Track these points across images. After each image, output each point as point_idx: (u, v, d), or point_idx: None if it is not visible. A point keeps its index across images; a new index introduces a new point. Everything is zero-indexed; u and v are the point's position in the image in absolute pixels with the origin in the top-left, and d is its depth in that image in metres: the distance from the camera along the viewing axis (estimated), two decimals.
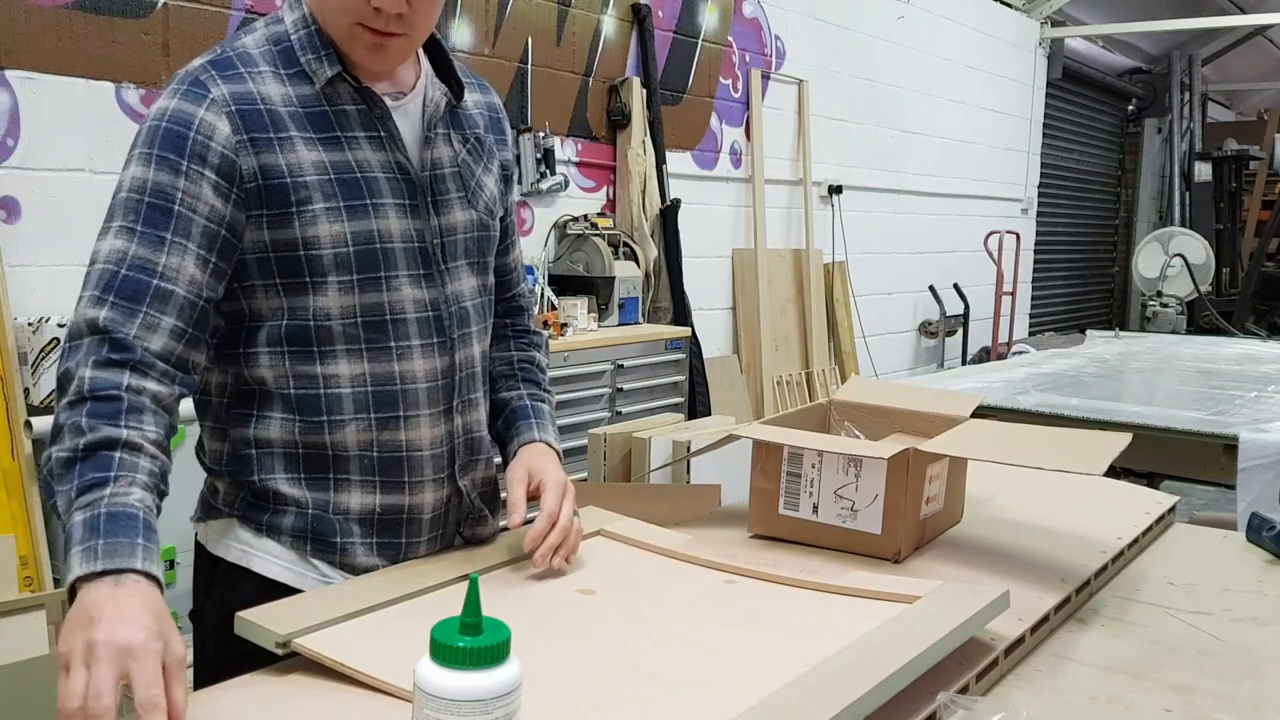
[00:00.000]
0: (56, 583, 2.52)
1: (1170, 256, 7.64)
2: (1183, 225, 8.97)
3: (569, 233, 4.26)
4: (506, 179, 1.42)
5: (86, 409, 1.04)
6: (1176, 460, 2.78)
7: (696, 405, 4.48)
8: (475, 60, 3.91)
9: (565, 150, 4.29)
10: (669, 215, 4.60)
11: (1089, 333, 5.13)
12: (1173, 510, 1.76)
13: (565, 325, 3.93)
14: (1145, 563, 1.55)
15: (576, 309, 4.01)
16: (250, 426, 1.24)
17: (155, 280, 1.10)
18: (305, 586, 1.24)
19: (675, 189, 4.67)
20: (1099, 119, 9.77)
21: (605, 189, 4.53)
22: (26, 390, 2.61)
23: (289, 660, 1.04)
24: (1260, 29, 9.59)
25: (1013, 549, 1.48)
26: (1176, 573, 1.50)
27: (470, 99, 1.35)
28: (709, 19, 4.98)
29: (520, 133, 4.04)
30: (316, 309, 1.20)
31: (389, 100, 1.24)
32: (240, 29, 1.26)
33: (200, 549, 1.31)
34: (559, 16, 4.25)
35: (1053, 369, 3.84)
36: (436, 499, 1.31)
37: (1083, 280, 9.86)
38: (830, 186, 5.86)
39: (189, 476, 1.29)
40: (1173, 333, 6.82)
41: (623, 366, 4.01)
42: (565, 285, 4.20)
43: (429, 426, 1.28)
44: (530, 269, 3.86)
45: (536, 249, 4.17)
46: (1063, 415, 2.83)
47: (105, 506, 0.98)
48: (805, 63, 5.61)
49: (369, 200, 1.21)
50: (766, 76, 5.35)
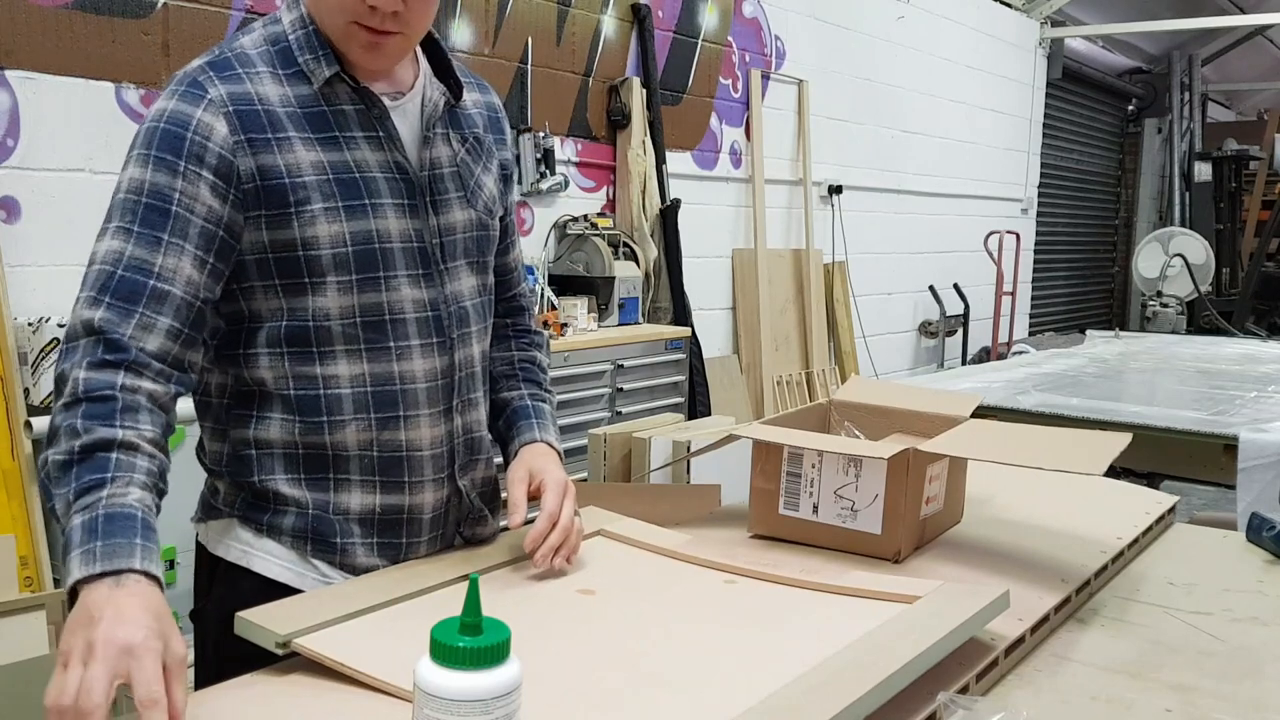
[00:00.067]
0: (56, 583, 2.52)
1: (1170, 256, 7.64)
2: (1183, 225, 8.97)
3: (569, 233, 4.26)
4: (506, 178, 1.42)
5: (82, 410, 1.04)
6: (1176, 460, 2.78)
7: (696, 405, 4.48)
8: (475, 60, 3.91)
9: (565, 150, 4.29)
10: (669, 215, 4.60)
11: (1089, 333, 5.12)
12: (1173, 510, 1.76)
13: (565, 325, 3.93)
14: (1145, 563, 1.55)
15: (576, 309, 4.01)
16: (250, 427, 1.24)
17: (151, 281, 1.10)
18: (305, 586, 1.24)
19: (675, 189, 4.67)
20: (1099, 119, 9.77)
21: (605, 189, 4.53)
22: (26, 390, 2.61)
23: (289, 660, 1.04)
24: (1260, 29, 9.59)
25: (1013, 549, 1.48)
26: (1176, 573, 1.50)
27: (469, 98, 1.35)
28: (709, 19, 4.98)
29: (520, 133, 4.04)
30: (316, 309, 1.20)
31: (387, 100, 1.24)
32: (239, 29, 1.26)
33: (200, 549, 1.31)
34: (559, 16, 4.25)
35: (1053, 369, 3.84)
36: (436, 499, 1.31)
37: (1083, 280, 9.86)
38: (830, 186, 5.86)
39: (189, 477, 1.29)
40: (1173, 333, 6.82)
41: (623, 366, 4.01)
42: (565, 285, 4.20)
43: (429, 426, 1.28)
44: (530, 269, 3.86)
45: (536, 249, 4.17)
46: (1063, 415, 2.83)
47: (103, 508, 0.98)
48: (805, 63, 5.61)
49: (367, 200, 1.21)
50: (766, 76, 5.35)
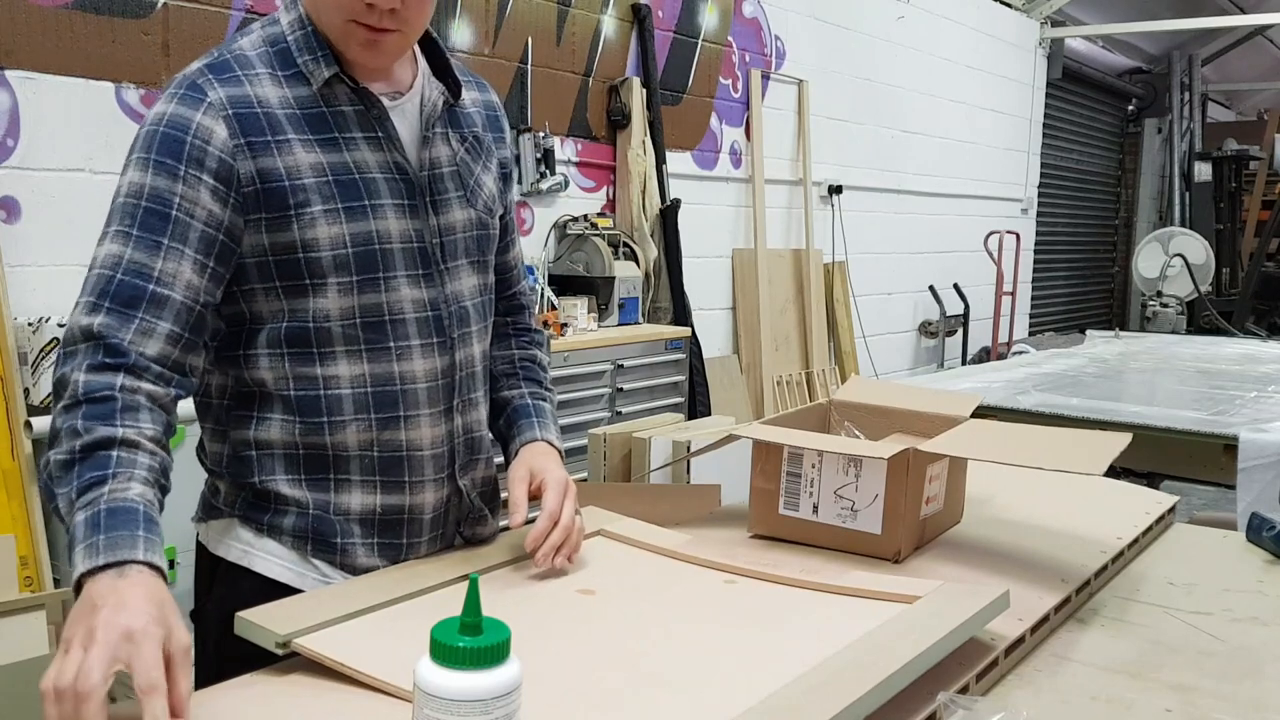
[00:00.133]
0: (57, 583, 2.52)
1: (1170, 256, 7.64)
2: (1183, 225, 8.96)
3: (569, 233, 4.26)
4: (505, 177, 1.42)
5: (82, 411, 1.04)
6: (1176, 460, 2.78)
7: (696, 405, 4.48)
8: (475, 60, 3.91)
9: (565, 150, 4.29)
10: (669, 215, 4.60)
11: (1089, 333, 5.12)
12: (1173, 510, 1.76)
13: (565, 325, 3.93)
14: (1145, 563, 1.55)
15: (576, 309, 4.01)
16: (251, 428, 1.24)
17: (151, 285, 1.10)
18: (306, 586, 1.24)
19: (675, 189, 4.67)
20: (1099, 119, 9.77)
21: (605, 189, 4.53)
22: (26, 390, 2.61)
23: (289, 660, 1.04)
24: (1260, 29, 9.59)
25: (1013, 549, 1.48)
26: (1176, 573, 1.50)
27: (468, 97, 1.35)
28: (709, 19, 4.98)
29: (520, 133, 4.04)
30: (316, 311, 1.20)
31: (386, 100, 1.24)
32: (239, 30, 1.26)
33: (201, 549, 1.31)
34: (559, 16, 4.25)
35: (1053, 369, 3.84)
36: (437, 499, 1.31)
37: (1083, 280, 9.85)
38: (830, 186, 5.86)
39: (190, 477, 1.29)
40: (1173, 333, 6.82)
41: (623, 366, 4.00)
42: (565, 285, 4.20)
43: (429, 426, 1.28)
44: (530, 269, 3.86)
45: (536, 249, 4.17)
46: (1063, 415, 2.83)
47: (105, 503, 0.99)
48: (805, 63, 5.61)
49: (367, 201, 1.21)
50: (766, 76, 5.35)
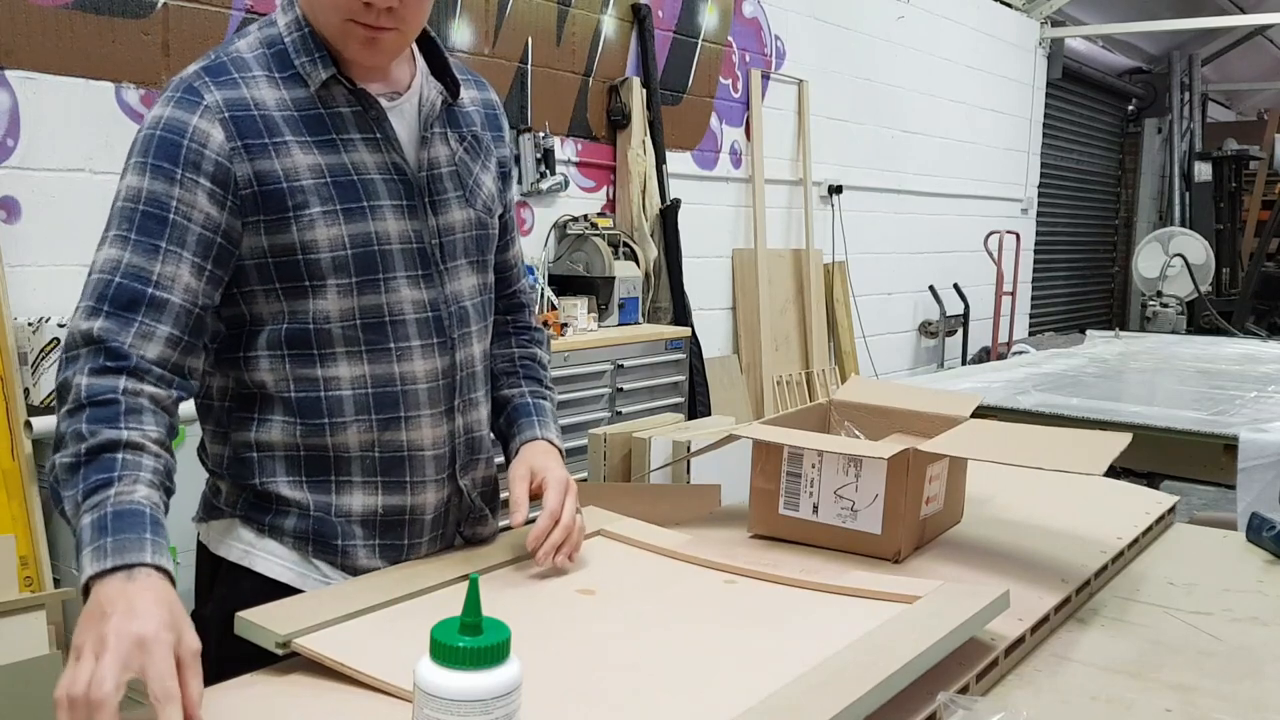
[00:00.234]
0: (57, 583, 2.52)
1: (1170, 256, 7.64)
2: (1183, 225, 8.96)
3: (569, 233, 4.26)
4: (505, 176, 1.42)
5: (86, 415, 1.04)
6: (1176, 460, 2.78)
7: (696, 405, 4.48)
8: (475, 60, 3.91)
9: (565, 150, 4.29)
10: (669, 215, 4.60)
11: (1089, 333, 5.12)
12: (1173, 510, 1.76)
13: (565, 325, 3.93)
14: (1145, 563, 1.55)
15: (576, 309, 4.01)
16: (251, 430, 1.24)
17: (150, 289, 1.11)
18: (307, 587, 1.24)
19: (675, 189, 4.67)
20: (1099, 119, 9.76)
21: (605, 189, 4.53)
22: (26, 390, 2.61)
23: (289, 660, 1.04)
24: (1260, 29, 9.59)
25: (1013, 549, 1.48)
26: (1176, 573, 1.50)
27: (467, 96, 1.35)
28: (709, 19, 4.98)
29: (520, 133, 4.04)
30: (316, 312, 1.20)
31: (384, 101, 1.24)
32: (237, 31, 1.26)
33: (202, 549, 1.31)
34: (559, 16, 4.25)
35: (1053, 369, 3.84)
36: (438, 499, 1.31)
37: (1083, 280, 9.85)
38: (830, 186, 5.86)
39: (191, 477, 1.29)
40: (1173, 333, 6.82)
41: (623, 366, 4.00)
42: (565, 285, 4.20)
43: (430, 427, 1.28)
44: (530, 269, 3.86)
45: (536, 249, 4.17)
46: (1063, 415, 2.83)
47: (111, 506, 0.99)
48: (805, 63, 5.60)
49: (366, 202, 1.21)
50: (766, 76, 5.35)
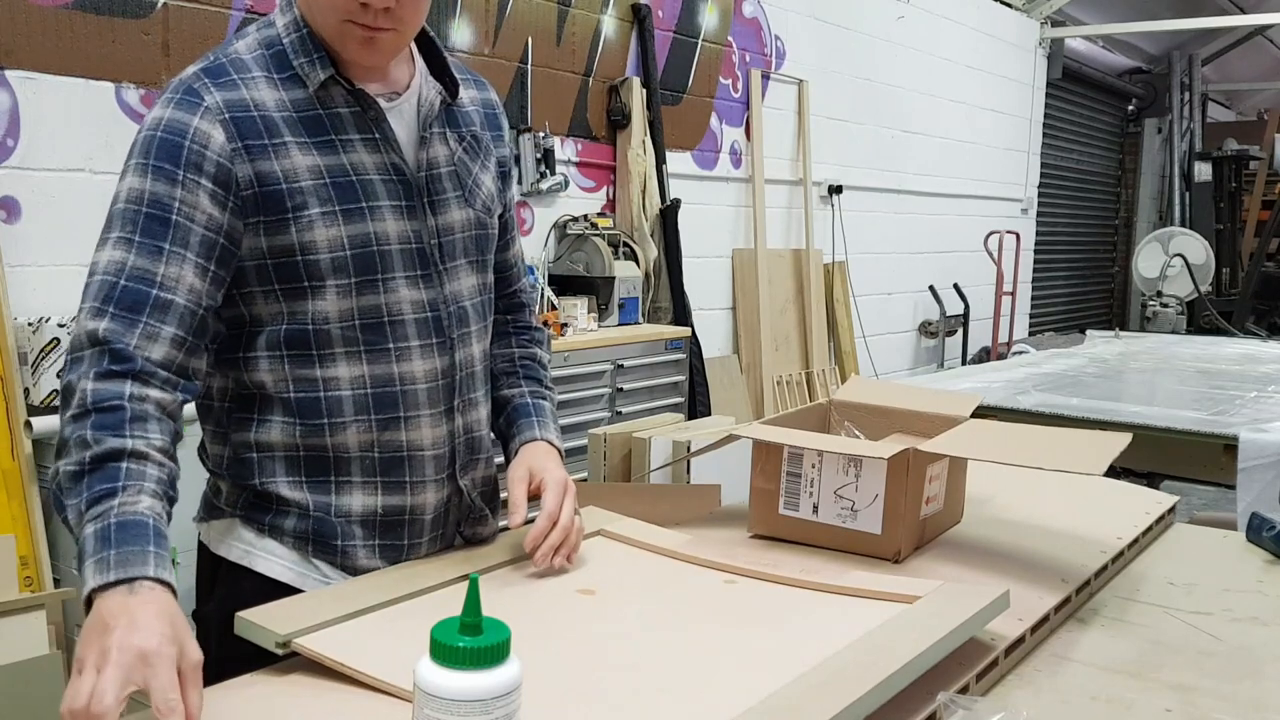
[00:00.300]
0: (57, 583, 2.52)
1: (1170, 256, 7.64)
2: (1183, 225, 8.96)
3: (569, 233, 4.26)
4: (504, 175, 1.42)
5: (91, 421, 1.04)
6: (1176, 460, 2.78)
7: (696, 405, 4.48)
8: (475, 60, 3.91)
9: (565, 150, 4.29)
10: (669, 215, 4.60)
11: (1089, 333, 5.12)
12: (1173, 510, 1.76)
13: (565, 325, 3.93)
14: (1145, 563, 1.55)
15: (576, 309, 4.01)
16: (251, 430, 1.24)
17: (154, 290, 1.10)
18: (307, 587, 1.24)
19: (675, 189, 4.67)
20: (1099, 119, 9.76)
21: (605, 189, 4.53)
22: (26, 390, 2.61)
23: (289, 660, 1.04)
24: (1260, 29, 9.59)
25: (1013, 549, 1.48)
26: (1176, 573, 1.50)
27: (466, 95, 1.35)
28: (709, 19, 4.98)
29: (520, 133, 4.04)
30: (315, 313, 1.20)
31: (383, 101, 1.24)
32: (237, 32, 1.26)
33: (203, 549, 1.31)
34: (559, 16, 4.25)
35: (1053, 369, 3.84)
36: (438, 499, 1.31)
37: (1083, 280, 9.85)
38: (830, 186, 5.86)
39: (191, 477, 1.28)
40: (1173, 333, 6.82)
41: (623, 366, 4.00)
42: (565, 285, 4.20)
43: (430, 427, 1.28)
44: (530, 269, 3.86)
45: (536, 249, 4.17)
46: (1063, 415, 2.83)
47: (115, 517, 0.98)
48: (805, 63, 5.60)
49: (365, 203, 1.21)
50: (766, 76, 5.35)
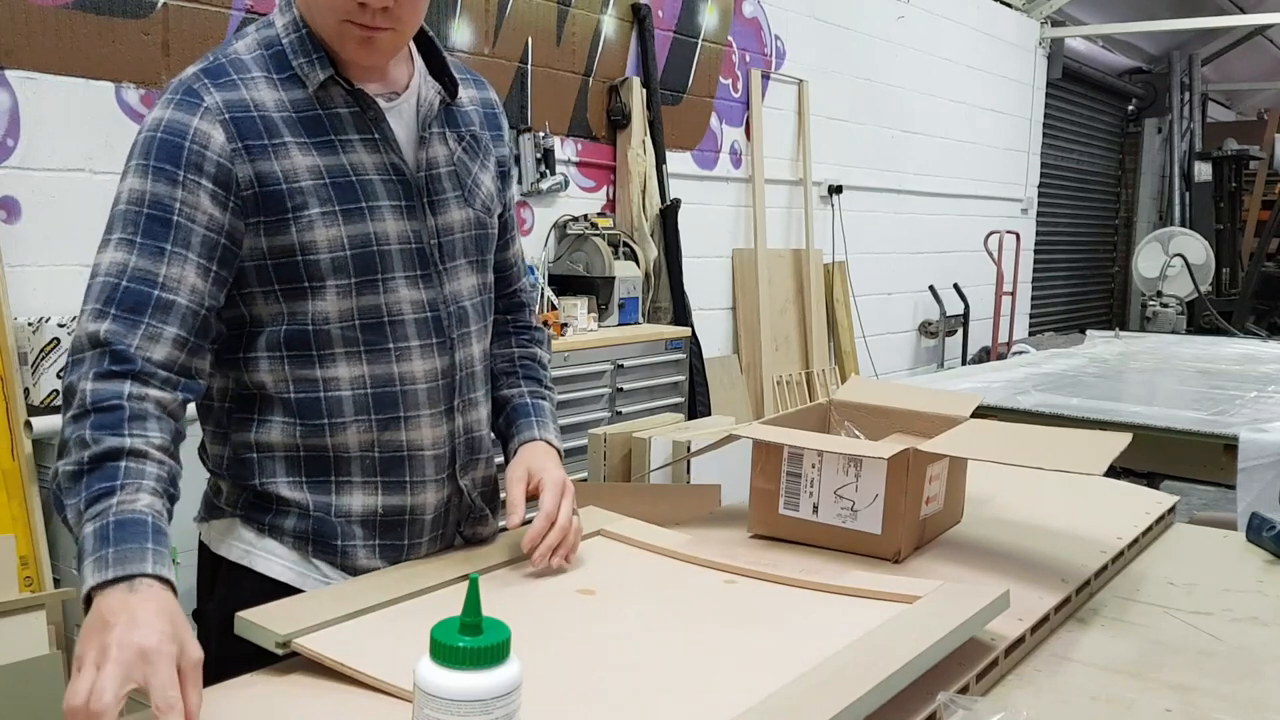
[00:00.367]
0: (57, 583, 2.52)
1: (1170, 256, 7.64)
2: (1183, 225, 8.96)
3: (569, 233, 4.26)
4: (504, 175, 1.42)
5: (90, 421, 1.04)
6: (1176, 460, 2.78)
7: (696, 405, 4.48)
8: (475, 60, 3.91)
9: (565, 150, 4.29)
10: (669, 215, 4.60)
11: (1089, 333, 5.12)
12: (1173, 510, 1.76)
13: (565, 325, 3.93)
14: (1145, 563, 1.55)
15: (576, 309, 4.01)
16: (251, 431, 1.24)
17: (156, 291, 1.10)
18: (307, 586, 1.24)
19: (675, 189, 4.67)
20: (1099, 119, 9.76)
21: (605, 189, 4.53)
22: (26, 390, 2.61)
23: (289, 660, 1.04)
24: (1260, 29, 9.59)
25: (1013, 549, 1.48)
26: (1176, 573, 1.50)
27: (465, 95, 1.35)
28: (709, 19, 4.98)
29: (520, 133, 4.04)
30: (315, 313, 1.20)
31: (382, 101, 1.24)
32: (236, 32, 1.26)
33: (203, 549, 1.31)
34: (559, 16, 4.25)
35: (1053, 369, 3.84)
36: (438, 499, 1.31)
37: (1083, 280, 9.85)
38: (830, 186, 5.86)
39: (192, 477, 1.28)
40: (1173, 333, 6.82)
41: (623, 366, 4.00)
42: (565, 285, 4.20)
43: (430, 427, 1.28)
44: (530, 269, 3.86)
45: (536, 249, 4.17)
46: (1063, 415, 2.83)
47: (113, 515, 0.98)
48: (805, 63, 5.60)
49: (364, 203, 1.21)
50: (766, 76, 5.35)
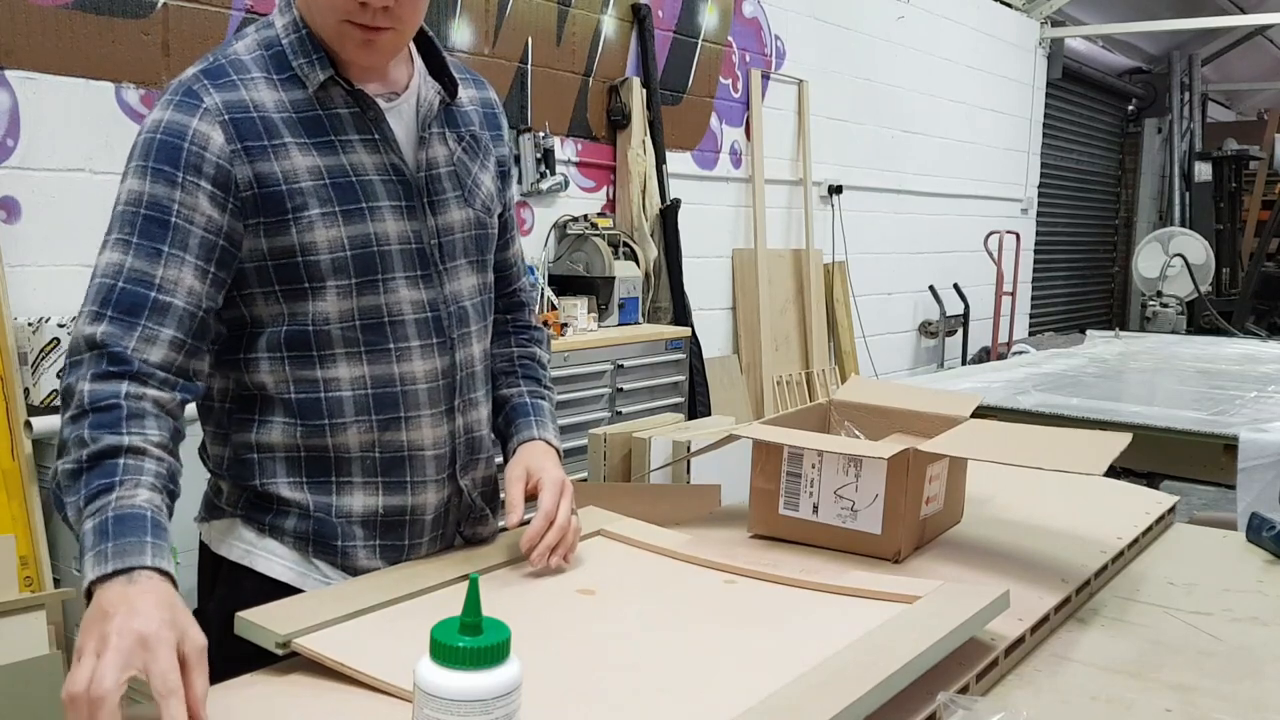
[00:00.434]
0: (57, 583, 2.52)
1: (1170, 256, 7.64)
2: (1183, 225, 8.96)
3: (569, 233, 4.26)
4: (504, 175, 1.42)
5: (88, 421, 1.04)
6: (1176, 460, 2.78)
7: (696, 405, 4.48)
8: (475, 60, 3.91)
9: (565, 150, 4.29)
10: (669, 215, 4.60)
11: (1089, 333, 5.12)
12: (1173, 510, 1.76)
13: (565, 325, 3.93)
14: (1145, 563, 1.55)
15: (576, 309, 4.01)
16: (252, 431, 1.24)
17: (152, 293, 1.10)
18: (308, 586, 1.24)
19: (675, 189, 4.67)
20: (1099, 119, 9.76)
21: (605, 189, 4.53)
22: (26, 390, 2.61)
23: (289, 660, 1.04)
24: (1260, 29, 9.59)
25: (1013, 549, 1.48)
26: (1176, 573, 1.50)
27: (465, 95, 1.35)
28: (709, 19, 4.98)
29: (520, 133, 4.04)
30: (315, 314, 1.20)
31: (382, 101, 1.24)
32: (236, 32, 1.26)
33: (204, 549, 1.31)
34: (559, 16, 4.25)
35: (1053, 369, 3.84)
36: (438, 499, 1.31)
37: (1083, 280, 9.85)
38: (830, 186, 5.86)
39: (192, 477, 1.28)
40: (1173, 333, 6.82)
41: (623, 366, 4.00)
42: (565, 285, 4.20)
43: (430, 427, 1.28)
44: (530, 269, 3.86)
45: (536, 249, 4.17)
46: (1063, 415, 2.83)
47: (112, 510, 0.99)
48: (805, 63, 5.61)
49: (365, 204, 1.21)
50: (766, 76, 5.35)
